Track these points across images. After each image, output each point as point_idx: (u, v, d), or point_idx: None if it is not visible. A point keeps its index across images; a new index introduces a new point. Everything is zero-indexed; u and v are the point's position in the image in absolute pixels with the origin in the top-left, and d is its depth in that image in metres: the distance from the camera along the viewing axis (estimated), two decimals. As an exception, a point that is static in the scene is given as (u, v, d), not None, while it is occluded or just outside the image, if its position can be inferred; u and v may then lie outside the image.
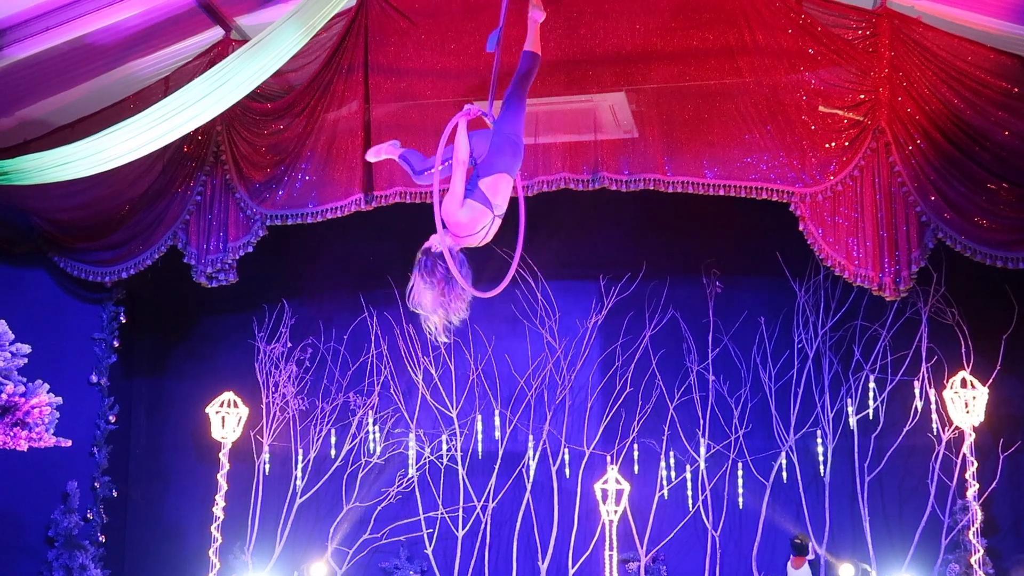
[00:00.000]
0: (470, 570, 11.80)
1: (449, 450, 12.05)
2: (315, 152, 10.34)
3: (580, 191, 10.10)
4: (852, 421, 11.21)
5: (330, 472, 12.19)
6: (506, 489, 11.90)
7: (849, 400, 11.24)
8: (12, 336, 8.90)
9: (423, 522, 11.96)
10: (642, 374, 11.80)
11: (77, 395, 11.23)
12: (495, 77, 6.79)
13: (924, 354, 11.02)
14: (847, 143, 9.42)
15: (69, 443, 9.20)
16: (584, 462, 11.81)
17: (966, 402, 10.11)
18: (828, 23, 9.37)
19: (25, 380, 8.75)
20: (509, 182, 6.20)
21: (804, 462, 11.34)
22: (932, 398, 10.89)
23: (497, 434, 12.02)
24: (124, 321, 12.16)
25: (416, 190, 10.17)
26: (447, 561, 11.88)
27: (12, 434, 8.61)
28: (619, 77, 9.64)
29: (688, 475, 11.55)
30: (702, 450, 11.52)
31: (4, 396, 8.47)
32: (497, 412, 12.05)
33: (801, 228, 9.57)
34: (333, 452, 12.22)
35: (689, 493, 11.53)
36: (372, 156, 7.07)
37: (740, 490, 11.45)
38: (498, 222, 6.18)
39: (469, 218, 6.01)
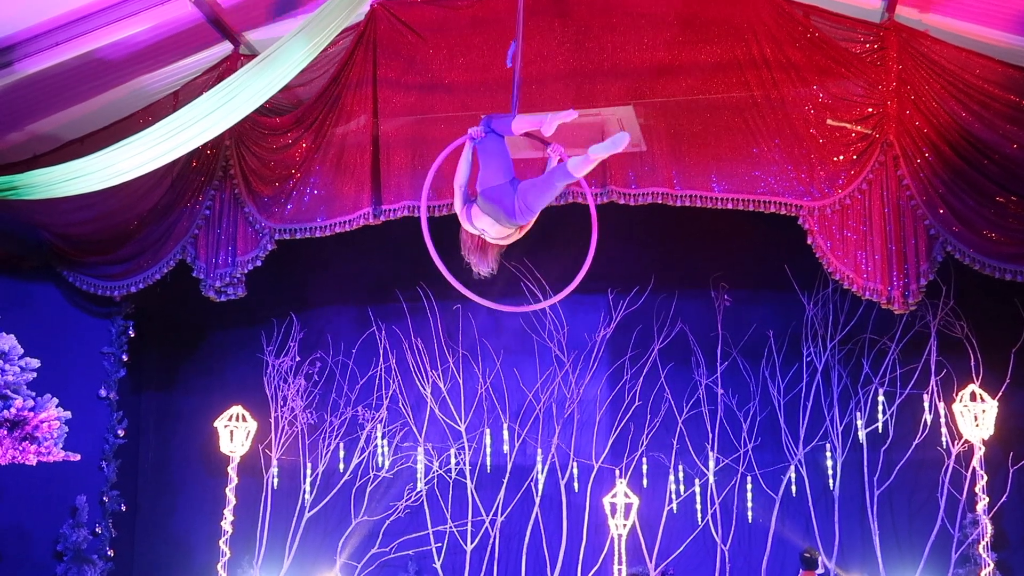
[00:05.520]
0: (479, 584, 11.82)
1: (458, 464, 12.05)
2: (324, 166, 10.35)
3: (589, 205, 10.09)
4: (861, 435, 11.20)
5: (339, 486, 12.18)
6: (515, 503, 11.89)
7: (858, 414, 11.23)
8: (21, 350, 8.93)
9: (432, 536, 11.94)
10: (651, 388, 11.79)
11: (86, 409, 11.21)
12: (516, 89, 7.00)
13: (933, 367, 11.01)
14: (855, 156, 9.42)
15: (78, 457, 9.22)
16: (593, 476, 11.80)
17: (975, 415, 10.11)
18: (836, 36, 9.38)
19: (34, 394, 8.77)
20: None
21: (813, 476, 11.32)
22: (941, 411, 10.89)
23: (506, 448, 12.01)
24: (133, 335, 12.17)
25: (425, 203, 10.16)
26: (456, 575, 11.86)
27: (21, 448, 8.63)
28: (627, 91, 9.64)
29: (697, 489, 11.53)
30: (711, 464, 11.51)
31: (13, 410, 8.49)
32: (506, 426, 12.04)
33: (809, 241, 9.56)
34: (342, 466, 12.21)
35: (698, 507, 11.51)
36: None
37: (749, 504, 11.43)
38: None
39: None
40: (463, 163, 6.81)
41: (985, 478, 10.07)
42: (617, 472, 11.59)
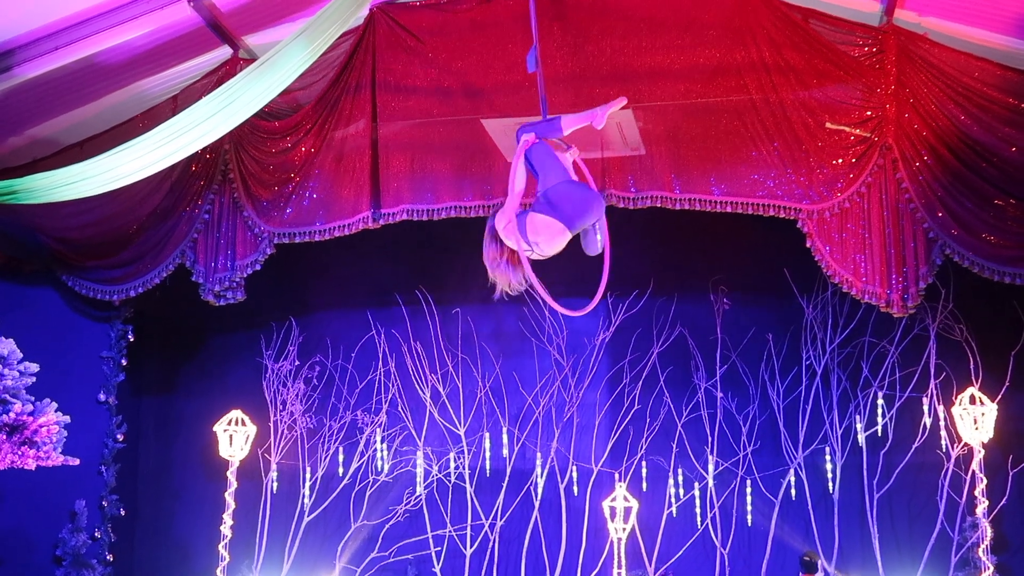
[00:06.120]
0: (478, 588, 11.81)
1: (457, 468, 12.04)
2: (323, 170, 10.34)
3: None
4: (861, 438, 11.20)
5: (338, 490, 12.18)
6: (514, 507, 11.88)
7: (858, 417, 11.22)
8: (20, 355, 8.92)
9: (431, 540, 11.93)
10: (650, 391, 11.78)
11: (85, 414, 11.18)
12: (543, 92, 7.05)
13: (932, 370, 10.99)
14: (854, 160, 9.42)
15: (77, 462, 9.21)
16: (592, 480, 11.80)
17: (975, 419, 10.08)
18: (834, 40, 9.37)
19: (33, 399, 8.77)
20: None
21: (813, 479, 11.31)
22: (941, 415, 10.87)
23: (505, 452, 12.01)
24: (132, 339, 12.15)
25: (424, 207, 10.18)
26: (455, 579, 11.88)
27: (20, 453, 8.62)
28: (626, 94, 9.59)
29: (696, 492, 11.52)
30: (710, 467, 11.50)
31: (12, 415, 8.48)
32: (505, 430, 12.04)
33: (808, 245, 9.55)
34: (341, 470, 12.21)
35: (698, 510, 11.50)
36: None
37: (749, 507, 11.42)
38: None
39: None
40: (520, 173, 6.57)
41: (985, 481, 10.05)
42: (616, 476, 11.58)
